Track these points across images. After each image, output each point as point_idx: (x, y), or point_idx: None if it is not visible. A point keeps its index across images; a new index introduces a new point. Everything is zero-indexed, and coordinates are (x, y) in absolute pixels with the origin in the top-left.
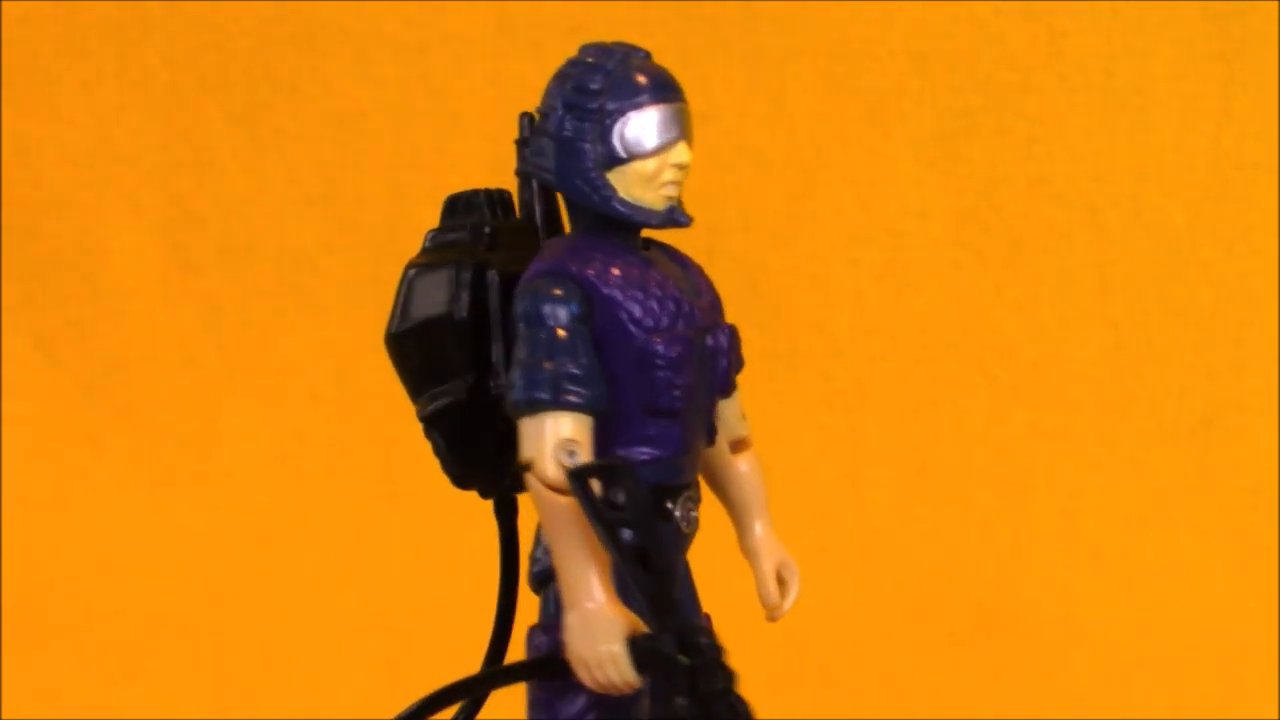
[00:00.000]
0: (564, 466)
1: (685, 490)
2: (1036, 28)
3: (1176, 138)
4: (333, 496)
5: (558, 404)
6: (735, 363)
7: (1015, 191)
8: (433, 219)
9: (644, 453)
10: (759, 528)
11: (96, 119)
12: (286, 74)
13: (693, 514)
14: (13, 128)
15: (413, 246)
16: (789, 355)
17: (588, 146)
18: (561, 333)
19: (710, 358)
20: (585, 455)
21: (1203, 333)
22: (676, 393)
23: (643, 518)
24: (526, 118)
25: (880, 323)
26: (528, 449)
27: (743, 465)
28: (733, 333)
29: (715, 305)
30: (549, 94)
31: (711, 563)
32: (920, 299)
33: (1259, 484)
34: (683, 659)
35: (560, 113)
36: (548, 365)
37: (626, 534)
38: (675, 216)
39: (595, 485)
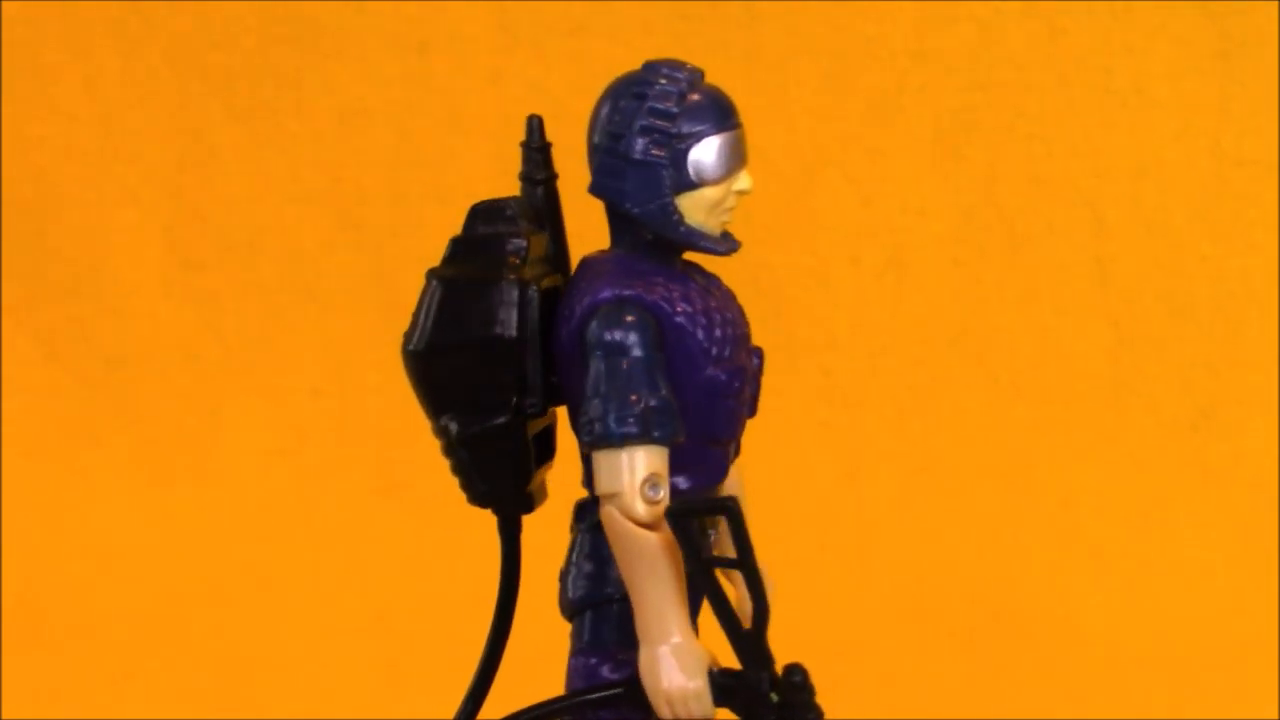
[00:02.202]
0: (650, 503)
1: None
2: (1036, 26)
3: (1176, 135)
4: (333, 493)
5: (645, 438)
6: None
7: (1015, 189)
8: (434, 216)
9: (695, 480)
10: None
11: (98, 116)
12: (288, 72)
13: (714, 534)
14: (14, 125)
15: (414, 244)
16: (790, 351)
17: (664, 171)
18: (643, 363)
19: (752, 380)
20: (665, 488)
21: (1202, 329)
22: (735, 421)
23: (749, 558)
24: (536, 120)
25: (881, 319)
26: (611, 483)
27: (735, 474)
28: (761, 354)
29: (748, 324)
30: (621, 113)
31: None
32: (921, 296)
33: (1259, 479)
34: (774, 696)
35: (636, 135)
36: (634, 398)
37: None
38: (731, 243)
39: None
